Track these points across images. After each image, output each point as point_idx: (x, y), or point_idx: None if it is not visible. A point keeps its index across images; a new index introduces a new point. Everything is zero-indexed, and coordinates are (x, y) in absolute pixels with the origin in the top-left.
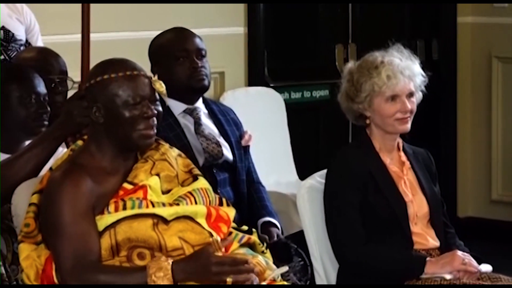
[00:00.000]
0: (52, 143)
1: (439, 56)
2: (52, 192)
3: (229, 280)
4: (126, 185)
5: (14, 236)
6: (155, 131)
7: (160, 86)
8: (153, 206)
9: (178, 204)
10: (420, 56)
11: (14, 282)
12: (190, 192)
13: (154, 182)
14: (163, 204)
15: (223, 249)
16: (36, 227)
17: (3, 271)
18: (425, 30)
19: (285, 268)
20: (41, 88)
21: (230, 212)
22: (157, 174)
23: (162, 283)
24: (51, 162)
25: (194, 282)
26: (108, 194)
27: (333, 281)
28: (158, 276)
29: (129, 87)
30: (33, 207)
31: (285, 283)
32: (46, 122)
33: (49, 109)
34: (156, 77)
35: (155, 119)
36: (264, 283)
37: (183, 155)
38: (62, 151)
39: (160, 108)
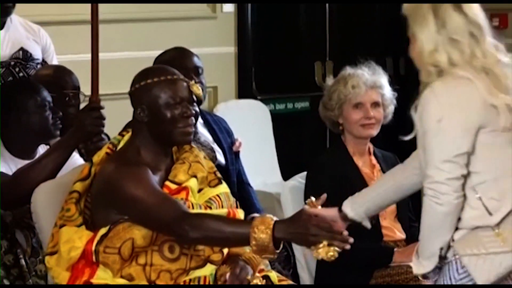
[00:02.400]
0: (67, 150)
1: (406, 72)
2: (117, 183)
3: (324, 243)
4: (169, 183)
5: (33, 232)
6: (193, 129)
7: (197, 89)
8: (193, 207)
9: (210, 208)
10: (388, 72)
11: (33, 273)
12: (218, 196)
13: (193, 183)
14: (200, 206)
15: (319, 207)
16: (76, 211)
17: (23, 263)
18: (393, 48)
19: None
20: (49, 97)
21: (241, 214)
22: (194, 176)
23: (261, 235)
24: (67, 165)
25: (292, 241)
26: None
27: (313, 270)
28: (260, 228)
29: (170, 90)
30: (75, 194)
31: (272, 271)
32: (60, 124)
33: (60, 114)
34: (193, 81)
35: (193, 118)
36: (257, 273)
37: (207, 157)
38: (75, 156)
39: (197, 109)
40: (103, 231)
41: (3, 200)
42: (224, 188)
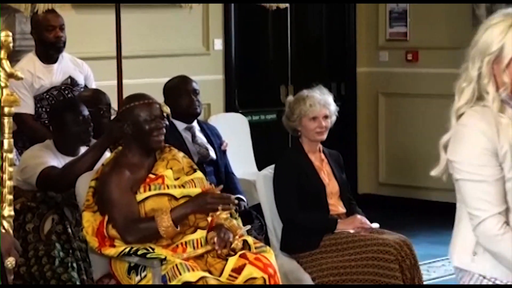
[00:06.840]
0: (100, 150)
1: (346, 93)
2: (105, 181)
3: (220, 210)
4: (150, 175)
5: (77, 209)
6: (163, 137)
7: (166, 109)
8: (168, 188)
9: (184, 187)
10: (333, 93)
11: (77, 238)
12: (192, 180)
13: (168, 173)
14: (175, 187)
15: (218, 191)
16: (93, 201)
17: (70, 231)
18: (336, 75)
19: (248, 226)
20: (85, 111)
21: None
22: (171, 168)
23: (163, 223)
24: (101, 161)
25: (193, 213)
26: (139, 180)
27: (279, 235)
28: (162, 220)
29: (147, 110)
30: (91, 189)
31: (249, 237)
32: (91, 133)
33: (91, 124)
34: (163, 102)
35: (164, 129)
36: (237, 237)
37: (186, 156)
38: (106, 154)
39: (167, 122)
40: None
41: (55, 186)
42: (198, 175)
